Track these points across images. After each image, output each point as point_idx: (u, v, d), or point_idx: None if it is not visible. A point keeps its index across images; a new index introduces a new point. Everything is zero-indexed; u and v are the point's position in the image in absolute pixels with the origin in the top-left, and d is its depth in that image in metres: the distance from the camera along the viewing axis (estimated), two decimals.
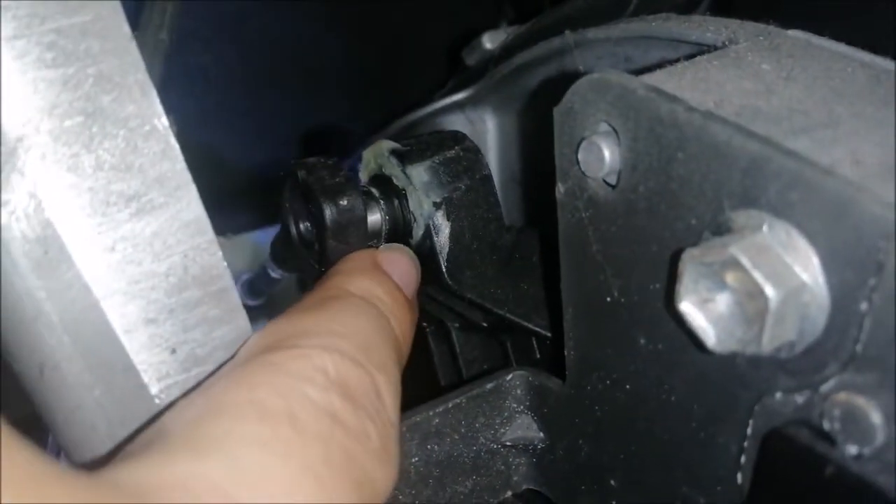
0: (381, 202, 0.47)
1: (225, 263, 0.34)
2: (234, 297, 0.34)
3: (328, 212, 0.43)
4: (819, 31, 0.38)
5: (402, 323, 0.38)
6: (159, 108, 0.32)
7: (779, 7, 0.49)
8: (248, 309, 0.37)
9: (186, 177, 0.32)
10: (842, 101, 0.31)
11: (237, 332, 0.34)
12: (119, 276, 0.32)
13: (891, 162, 0.26)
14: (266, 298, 0.85)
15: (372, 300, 0.37)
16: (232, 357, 0.34)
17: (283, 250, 0.48)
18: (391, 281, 0.40)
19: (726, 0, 0.54)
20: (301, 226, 0.46)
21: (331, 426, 0.28)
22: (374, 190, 0.47)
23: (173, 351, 0.33)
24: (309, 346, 0.31)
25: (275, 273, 0.52)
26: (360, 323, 0.35)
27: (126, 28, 0.31)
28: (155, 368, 0.33)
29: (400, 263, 0.43)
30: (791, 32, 0.38)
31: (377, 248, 0.48)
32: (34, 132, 0.30)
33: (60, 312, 0.31)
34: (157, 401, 0.34)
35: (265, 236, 0.93)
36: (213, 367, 0.34)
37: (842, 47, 0.36)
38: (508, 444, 0.43)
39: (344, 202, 0.43)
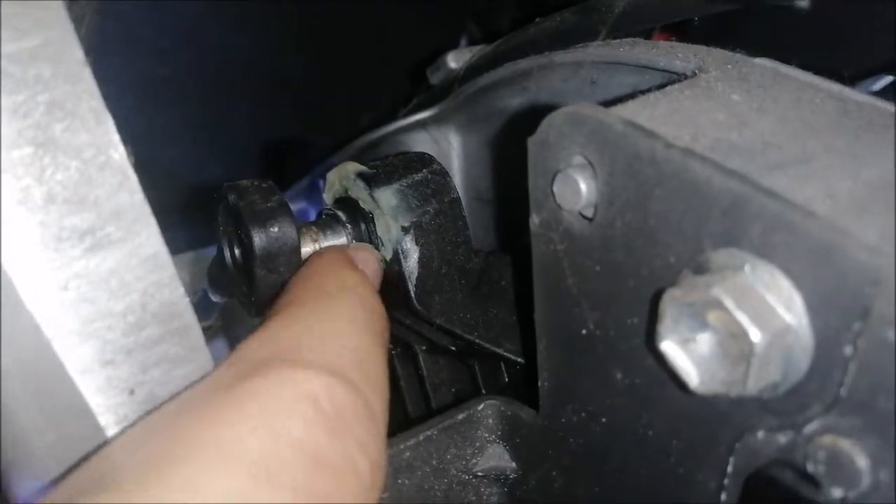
0: (349, 226, 0.46)
1: (187, 299, 0.32)
2: (197, 334, 0.33)
3: (257, 239, 0.40)
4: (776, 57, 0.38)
5: (384, 320, 0.37)
6: (115, 136, 0.30)
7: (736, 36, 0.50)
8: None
9: (145, 209, 0.31)
10: (813, 133, 0.31)
11: (200, 370, 0.33)
12: (72, 316, 0.30)
13: (863, 198, 0.26)
14: (217, 319, 0.82)
15: (362, 297, 0.36)
16: (220, 364, 0.32)
17: (218, 275, 0.46)
18: (369, 279, 0.39)
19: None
20: (234, 251, 0.44)
21: (309, 475, 0.26)
22: (340, 213, 0.46)
23: (132, 392, 0.32)
24: (303, 365, 0.29)
25: (214, 297, 0.50)
26: (355, 329, 0.34)
27: (79, 53, 0.30)
28: (112, 411, 0.31)
29: (370, 263, 0.43)
30: (758, 61, 0.38)
31: None
32: None
33: (9, 355, 0.30)
34: None
35: None
36: None
37: (809, 77, 0.36)
38: (480, 474, 0.42)
39: (275, 229, 0.41)
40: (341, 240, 0.45)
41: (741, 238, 0.25)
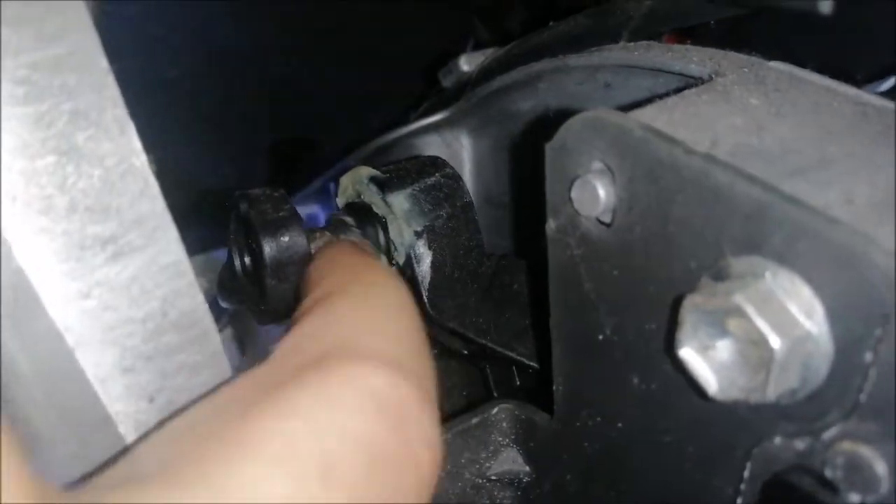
0: (356, 231, 0.46)
1: (206, 306, 0.32)
2: (216, 341, 0.33)
3: (267, 248, 0.40)
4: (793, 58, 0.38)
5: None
6: (138, 145, 0.30)
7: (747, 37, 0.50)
8: None
9: (166, 217, 0.31)
10: (832, 138, 0.31)
11: (218, 377, 0.33)
12: (94, 324, 0.30)
13: (882, 203, 0.27)
14: (226, 323, 0.82)
15: (397, 283, 0.35)
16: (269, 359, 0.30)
17: (229, 282, 0.46)
18: None
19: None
20: (245, 259, 0.44)
21: (372, 473, 0.25)
22: (347, 219, 0.46)
23: (151, 399, 0.32)
24: (362, 359, 0.28)
25: (224, 303, 0.50)
26: (402, 315, 0.33)
27: (104, 62, 0.30)
28: (132, 418, 0.31)
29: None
30: (773, 64, 0.38)
31: None
32: (4, 172, 0.28)
33: (32, 363, 0.30)
34: None
35: None
36: None
37: (825, 80, 0.36)
38: (494, 478, 0.42)
39: (285, 238, 0.41)
40: None
41: (763, 245, 0.25)
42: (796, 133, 0.31)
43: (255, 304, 0.44)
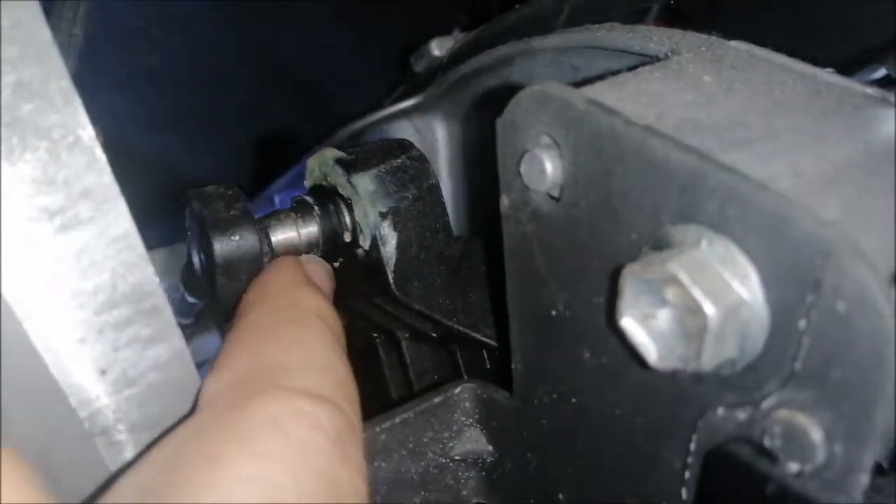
0: (318, 213, 0.45)
1: (157, 279, 0.32)
2: (168, 315, 0.33)
3: (217, 246, 0.40)
4: (763, 41, 0.38)
5: (341, 331, 0.37)
6: (84, 117, 0.30)
7: (723, 17, 0.50)
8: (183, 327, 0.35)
9: (114, 190, 0.31)
10: (782, 113, 0.31)
11: (171, 350, 0.33)
12: (43, 296, 0.30)
13: (829, 175, 0.27)
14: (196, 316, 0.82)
15: (325, 319, 0.36)
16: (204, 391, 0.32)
17: (190, 278, 0.46)
18: (325, 295, 0.40)
19: (674, 10, 0.55)
20: (200, 256, 0.44)
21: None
22: (308, 198, 0.46)
23: (103, 372, 0.32)
24: (303, 393, 0.29)
25: (189, 298, 0.50)
26: (328, 353, 0.34)
27: (47, 33, 0.30)
28: (84, 391, 0.32)
29: (322, 276, 0.43)
30: (733, 43, 0.38)
31: None
32: None
33: None
34: (86, 425, 0.32)
35: None
36: (145, 388, 0.33)
37: (782, 58, 0.36)
38: (457, 458, 0.42)
39: (236, 237, 0.41)
40: (311, 228, 0.45)
41: (698, 213, 0.25)
42: (745, 108, 0.31)
43: (210, 301, 0.44)
